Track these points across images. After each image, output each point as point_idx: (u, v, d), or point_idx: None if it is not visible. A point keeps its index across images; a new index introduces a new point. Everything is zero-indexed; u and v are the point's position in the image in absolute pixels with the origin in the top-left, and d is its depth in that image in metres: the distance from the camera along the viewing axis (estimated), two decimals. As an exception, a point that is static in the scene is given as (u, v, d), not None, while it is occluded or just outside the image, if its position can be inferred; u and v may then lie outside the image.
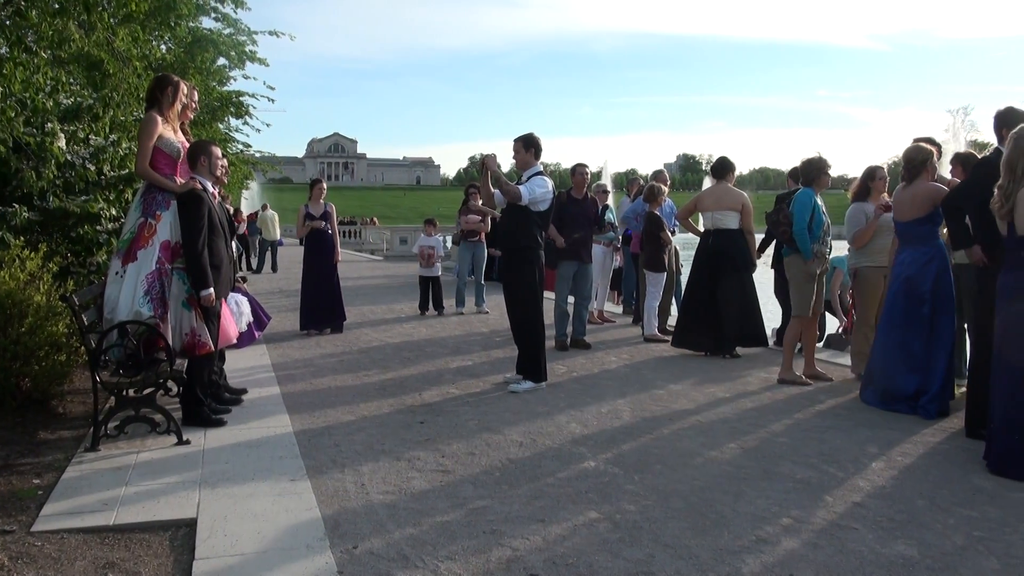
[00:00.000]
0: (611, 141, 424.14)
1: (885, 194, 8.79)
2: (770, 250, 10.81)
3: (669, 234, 11.67)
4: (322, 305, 12.00)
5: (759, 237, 10.59)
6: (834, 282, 11.18)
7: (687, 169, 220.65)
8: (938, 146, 8.26)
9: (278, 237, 28.38)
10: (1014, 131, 6.16)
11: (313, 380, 8.62)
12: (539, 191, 8.16)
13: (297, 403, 7.52)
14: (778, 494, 5.25)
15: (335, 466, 5.70)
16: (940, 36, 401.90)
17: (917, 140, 7.91)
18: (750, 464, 5.86)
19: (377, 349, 10.60)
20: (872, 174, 8.96)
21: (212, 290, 6.52)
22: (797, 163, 9.55)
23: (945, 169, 8.73)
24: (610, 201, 13.27)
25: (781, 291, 10.45)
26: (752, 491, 5.29)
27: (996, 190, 6.05)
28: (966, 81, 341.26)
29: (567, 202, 10.96)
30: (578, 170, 11.33)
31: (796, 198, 8.78)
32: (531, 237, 8.20)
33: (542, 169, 8.45)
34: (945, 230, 7.49)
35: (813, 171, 8.80)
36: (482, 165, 8.45)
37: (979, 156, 7.42)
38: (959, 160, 8.01)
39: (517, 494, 5.16)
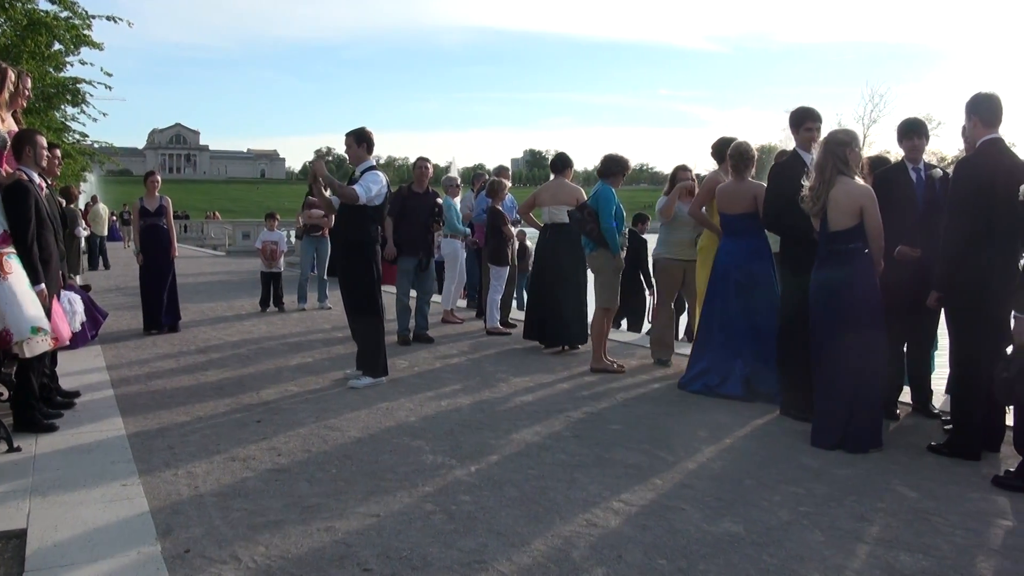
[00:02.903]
0: (458, 136, 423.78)
1: (691, 180, 9.33)
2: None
3: (511, 228, 11.83)
4: (161, 303, 11.65)
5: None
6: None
7: (534, 164, 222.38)
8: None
9: (105, 232, 27.45)
10: (824, 136, 6.55)
11: (148, 381, 8.40)
12: (374, 188, 8.10)
13: (131, 405, 7.32)
14: (610, 479, 5.41)
15: (168, 469, 5.59)
16: (778, 39, 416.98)
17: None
18: (584, 452, 6.02)
19: (215, 348, 10.39)
20: (675, 175, 9.48)
21: (43, 286, 6.29)
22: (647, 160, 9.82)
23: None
24: (458, 197, 13.26)
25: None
26: (585, 477, 5.43)
27: (808, 191, 6.40)
28: (801, 83, 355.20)
29: (408, 196, 10.96)
30: (419, 163, 11.32)
31: (599, 195, 9.04)
32: (366, 232, 8.15)
33: (375, 163, 8.41)
34: None
35: (615, 167, 9.13)
36: (312, 174, 8.42)
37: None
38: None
39: (353, 490, 5.16)
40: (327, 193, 8.30)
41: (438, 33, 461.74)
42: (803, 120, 7.29)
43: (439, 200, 11.27)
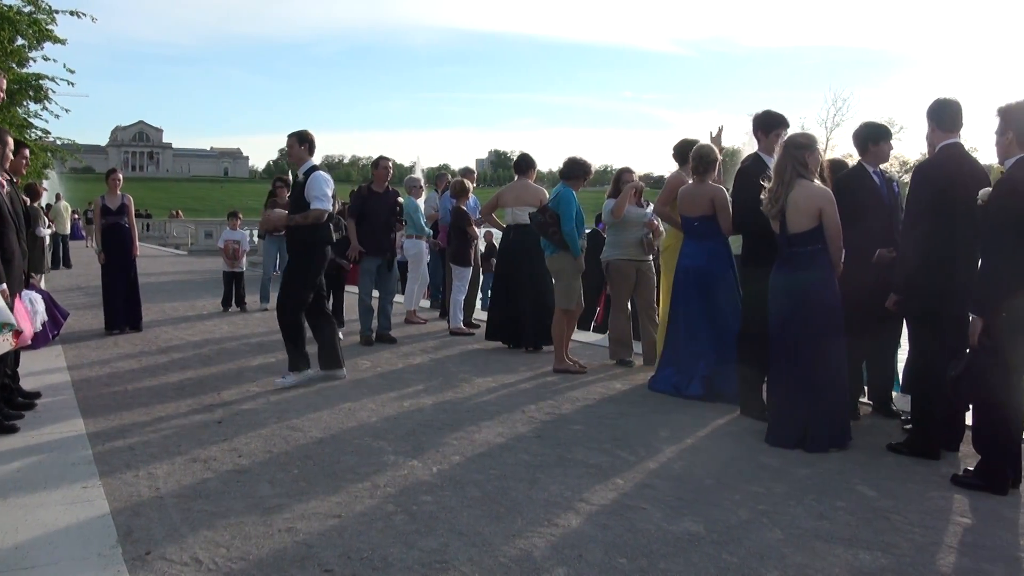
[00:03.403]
0: (423, 136, 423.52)
1: (636, 180, 9.37)
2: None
3: (476, 229, 11.83)
4: (122, 303, 11.53)
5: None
6: None
7: (499, 165, 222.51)
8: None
9: (68, 230, 27.16)
10: (784, 139, 6.61)
11: (110, 382, 8.32)
12: (323, 190, 8.07)
13: (92, 406, 7.25)
14: (571, 479, 5.42)
15: (129, 470, 5.55)
16: (742, 43, 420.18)
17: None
18: (546, 452, 6.04)
19: (177, 348, 10.32)
20: (619, 176, 9.48)
21: (4, 285, 6.21)
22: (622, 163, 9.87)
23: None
24: (422, 198, 13.23)
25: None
26: (547, 477, 5.45)
27: (767, 193, 6.46)
28: (765, 86, 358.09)
29: (368, 195, 10.92)
30: (381, 163, 11.21)
31: (560, 197, 9.06)
32: (317, 232, 8.11)
33: (316, 164, 8.36)
34: None
35: (576, 170, 9.18)
36: (270, 229, 8.43)
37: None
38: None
39: (314, 491, 5.15)
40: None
41: (405, 33, 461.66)
42: (775, 125, 7.30)
43: (400, 200, 11.24)
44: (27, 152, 7.38)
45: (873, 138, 7.12)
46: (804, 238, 6.26)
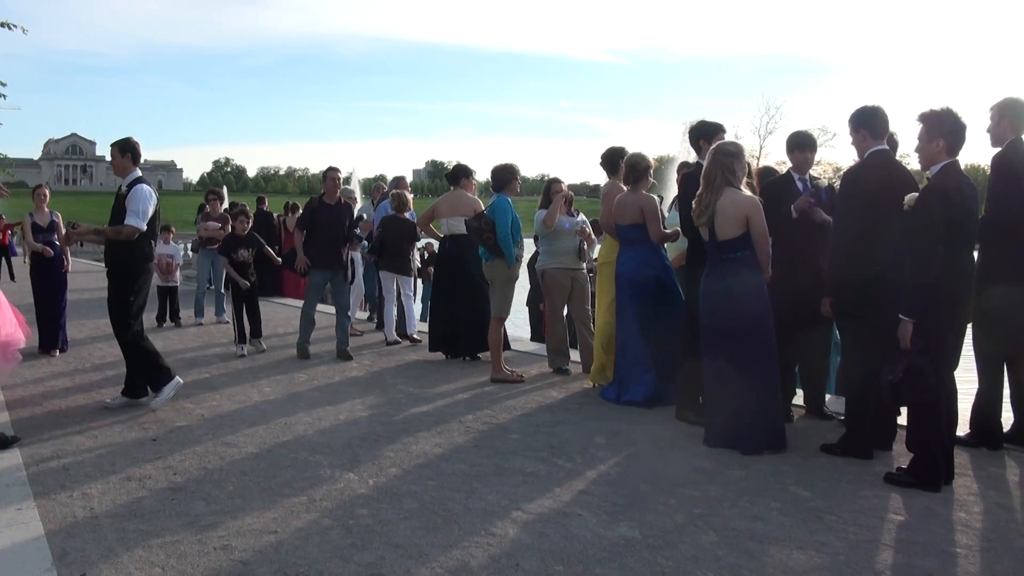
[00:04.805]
0: (359, 146, 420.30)
1: (566, 189, 9.46)
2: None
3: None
4: (58, 322, 11.24)
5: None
6: None
7: (436, 175, 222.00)
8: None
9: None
10: (713, 146, 6.71)
11: (43, 401, 8.18)
12: (141, 206, 7.70)
13: (26, 427, 7.10)
14: (508, 488, 5.45)
15: (64, 491, 5.45)
16: (675, 52, 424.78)
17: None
18: (483, 461, 6.05)
19: (111, 365, 10.12)
20: (549, 187, 9.58)
21: None
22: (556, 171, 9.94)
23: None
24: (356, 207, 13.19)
25: (532, 299, 10.82)
26: (484, 487, 5.46)
27: (695, 200, 6.56)
28: (699, 94, 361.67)
29: (317, 207, 10.75)
30: (328, 174, 10.96)
31: (495, 205, 9.13)
32: (136, 249, 7.75)
33: (140, 175, 8.03)
34: None
35: (505, 176, 9.23)
36: (77, 240, 8.31)
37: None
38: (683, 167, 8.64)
39: (250, 507, 5.11)
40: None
41: (335, 43, 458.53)
42: (716, 132, 7.40)
43: (360, 215, 11.04)
44: None
45: (790, 147, 7.29)
46: (732, 245, 6.37)
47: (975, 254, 6.19)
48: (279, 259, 12.37)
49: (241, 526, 4.80)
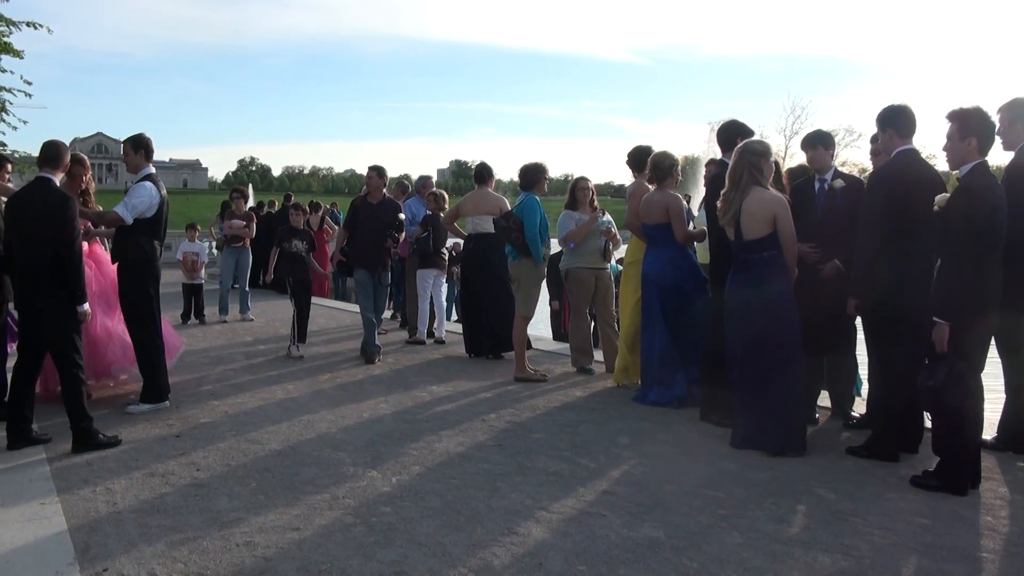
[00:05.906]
0: (383, 146, 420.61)
1: (595, 198, 9.40)
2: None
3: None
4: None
5: None
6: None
7: (460, 175, 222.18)
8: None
9: None
10: (739, 144, 6.64)
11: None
12: (136, 200, 7.52)
13: (49, 424, 7.11)
14: (532, 487, 5.42)
15: (87, 486, 5.48)
16: (700, 52, 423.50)
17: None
18: (506, 460, 6.03)
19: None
20: (575, 185, 9.50)
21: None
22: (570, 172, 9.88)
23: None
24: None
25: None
26: (507, 486, 5.44)
27: (721, 199, 6.50)
28: (724, 95, 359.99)
29: (359, 207, 10.60)
30: (368, 173, 10.80)
31: (524, 204, 9.11)
32: (138, 248, 7.60)
33: (153, 171, 7.85)
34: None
35: (534, 175, 9.20)
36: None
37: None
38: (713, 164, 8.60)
39: (273, 504, 5.11)
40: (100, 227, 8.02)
41: (359, 43, 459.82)
42: (746, 133, 7.33)
43: (401, 214, 10.87)
44: (9, 168, 7.32)
45: (802, 146, 7.28)
46: (758, 244, 6.31)
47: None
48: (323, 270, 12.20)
49: (264, 523, 4.80)
